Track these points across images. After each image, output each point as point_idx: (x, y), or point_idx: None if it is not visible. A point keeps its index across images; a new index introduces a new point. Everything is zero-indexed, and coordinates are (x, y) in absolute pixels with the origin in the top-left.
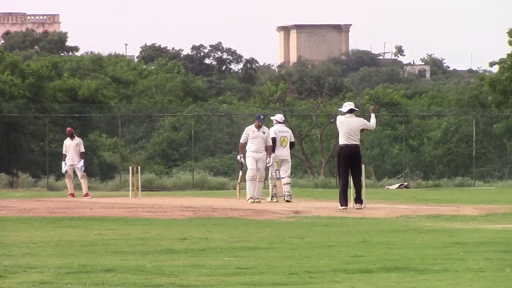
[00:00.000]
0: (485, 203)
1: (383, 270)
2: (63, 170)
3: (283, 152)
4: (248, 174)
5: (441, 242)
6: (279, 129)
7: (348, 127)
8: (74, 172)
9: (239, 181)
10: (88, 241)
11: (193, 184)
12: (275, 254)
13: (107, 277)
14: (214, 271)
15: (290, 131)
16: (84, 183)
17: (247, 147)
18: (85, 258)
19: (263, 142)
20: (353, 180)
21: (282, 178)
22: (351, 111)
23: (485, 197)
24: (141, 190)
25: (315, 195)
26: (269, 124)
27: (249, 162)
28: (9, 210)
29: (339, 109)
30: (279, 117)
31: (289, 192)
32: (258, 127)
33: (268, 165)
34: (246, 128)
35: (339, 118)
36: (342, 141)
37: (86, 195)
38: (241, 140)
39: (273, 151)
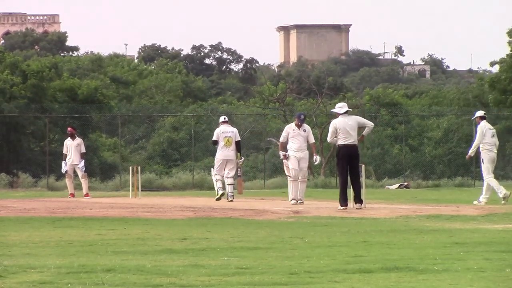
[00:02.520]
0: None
1: (383, 270)
2: (63, 170)
3: (228, 152)
4: (290, 175)
5: (441, 242)
6: (222, 130)
7: (346, 127)
8: (74, 172)
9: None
10: (88, 241)
11: (193, 184)
12: (275, 254)
13: (107, 277)
14: (214, 271)
15: (234, 130)
16: (84, 183)
17: (288, 146)
18: (85, 258)
19: (304, 141)
20: (351, 180)
21: (227, 178)
22: (346, 112)
23: None
24: (141, 190)
25: (315, 195)
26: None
27: (291, 162)
28: (9, 210)
29: (333, 110)
30: (221, 118)
31: (232, 192)
32: (299, 126)
33: (316, 163)
34: (286, 126)
35: (337, 120)
36: (340, 141)
37: (86, 195)
38: (281, 139)
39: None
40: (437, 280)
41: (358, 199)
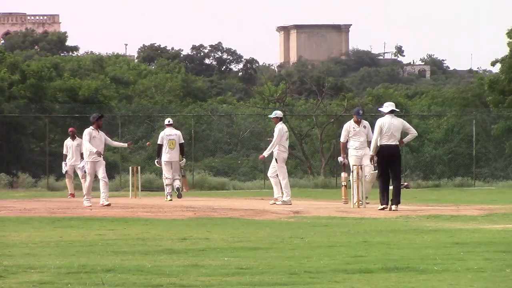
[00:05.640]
0: (485, 203)
1: (383, 270)
2: (63, 170)
3: (172, 154)
4: (353, 175)
5: (441, 242)
6: (166, 133)
7: (391, 127)
8: (74, 172)
9: (344, 183)
10: (88, 241)
11: (193, 184)
12: (275, 254)
13: (107, 277)
14: (214, 271)
15: (178, 133)
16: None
17: (348, 145)
18: (85, 258)
19: (365, 138)
20: (392, 181)
21: (173, 178)
22: (392, 111)
23: (485, 197)
24: (141, 190)
25: (315, 195)
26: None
27: (352, 162)
28: (9, 210)
29: (380, 109)
30: (166, 120)
31: (177, 191)
32: (358, 123)
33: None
34: (345, 125)
35: (383, 119)
36: (383, 141)
37: None
38: (342, 139)
39: (160, 155)
40: (437, 280)
41: (396, 200)
